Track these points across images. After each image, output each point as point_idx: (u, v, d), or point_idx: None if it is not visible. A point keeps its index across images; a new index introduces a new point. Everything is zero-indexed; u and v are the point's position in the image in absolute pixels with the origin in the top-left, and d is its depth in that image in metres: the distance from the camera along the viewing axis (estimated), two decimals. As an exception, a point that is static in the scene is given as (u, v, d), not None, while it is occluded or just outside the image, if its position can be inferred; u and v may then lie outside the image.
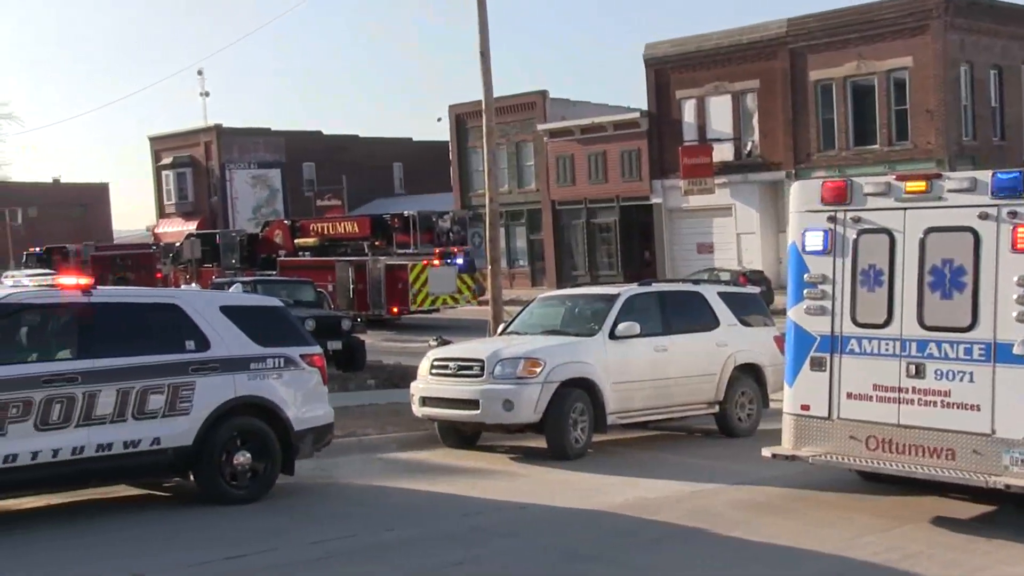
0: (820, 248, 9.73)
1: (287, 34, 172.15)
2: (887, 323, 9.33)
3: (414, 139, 70.45)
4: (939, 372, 8.99)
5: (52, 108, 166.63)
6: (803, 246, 9.88)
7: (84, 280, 9.88)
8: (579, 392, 12.61)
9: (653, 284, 15.27)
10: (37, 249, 51.53)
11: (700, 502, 10.13)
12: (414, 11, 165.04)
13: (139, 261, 46.31)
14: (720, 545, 8.60)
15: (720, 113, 42.99)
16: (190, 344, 9.88)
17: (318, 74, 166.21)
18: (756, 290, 16.97)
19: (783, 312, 10.61)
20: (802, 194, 10.06)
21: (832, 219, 9.67)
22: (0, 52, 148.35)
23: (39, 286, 10.25)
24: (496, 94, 20.02)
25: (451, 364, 12.90)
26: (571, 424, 12.50)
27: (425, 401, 13.02)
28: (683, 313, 14.26)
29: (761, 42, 41.27)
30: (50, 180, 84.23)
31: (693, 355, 13.93)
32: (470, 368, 12.64)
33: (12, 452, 8.66)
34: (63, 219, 76.66)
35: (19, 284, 12.15)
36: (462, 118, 53.35)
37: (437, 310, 33.70)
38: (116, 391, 9.25)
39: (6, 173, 54.60)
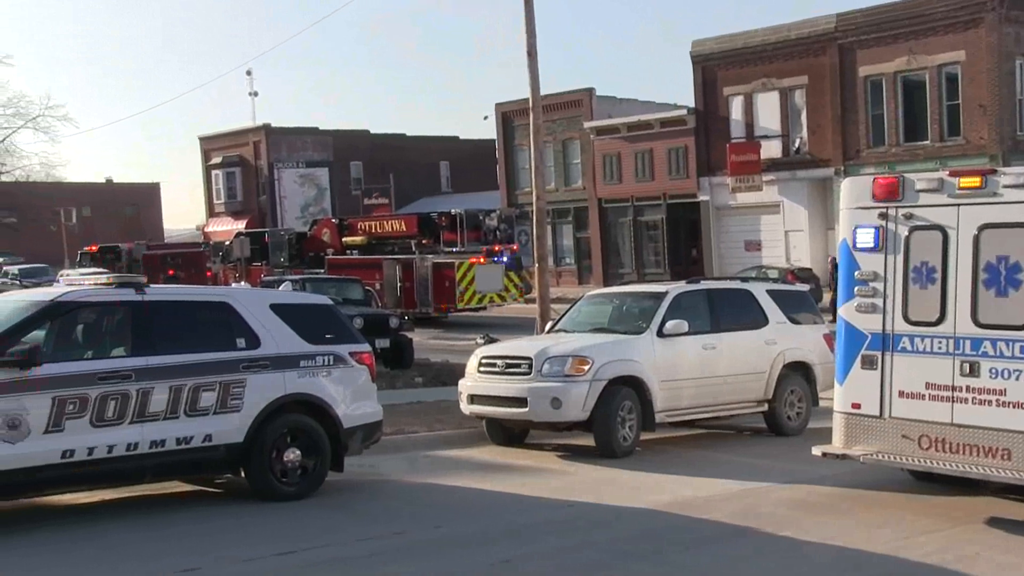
0: (871, 245, 9.62)
1: (335, 34, 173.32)
2: (940, 321, 9.20)
3: (461, 138, 70.65)
4: (994, 371, 8.85)
5: (105, 109, 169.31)
6: (854, 243, 9.77)
7: (138, 278, 10.02)
8: (627, 390, 12.58)
9: (701, 282, 15.19)
10: (91, 248, 52.36)
11: (749, 501, 10.06)
12: (461, 10, 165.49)
13: (189, 260, 46.84)
14: (770, 544, 8.53)
15: (768, 110, 42.62)
16: (241, 342, 9.98)
17: (365, 73, 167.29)
18: (805, 288, 16.80)
19: (832, 310, 10.50)
20: (853, 190, 9.95)
21: (883, 216, 9.56)
22: (56, 55, 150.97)
23: (94, 285, 10.37)
24: (543, 92, 20.01)
25: (499, 362, 12.92)
26: (619, 422, 12.48)
27: (473, 399, 13.06)
28: (732, 311, 14.18)
29: (809, 38, 40.83)
30: (103, 180, 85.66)
31: (742, 353, 13.84)
32: (518, 366, 12.65)
33: (69, 447, 8.81)
34: (116, 218, 77.96)
35: (75, 283, 12.34)
36: (508, 116, 53.40)
37: (484, 308, 33.78)
38: (169, 388, 9.38)
39: (61, 174, 55.49)
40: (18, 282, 48.01)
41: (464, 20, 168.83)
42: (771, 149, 42.26)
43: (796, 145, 42.10)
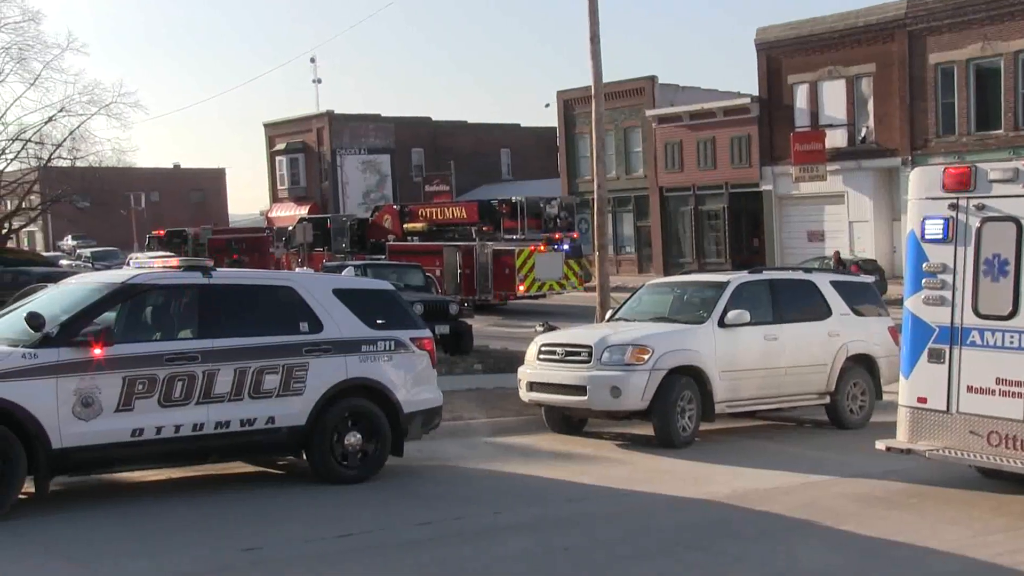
0: (940, 236, 9.44)
1: (398, 21, 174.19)
2: (1013, 315, 9.00)
3: (522, 125, 70.60)
4: (1068, 367, 8.64)
5: (174, 97, 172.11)
6: (922, 234, 9.60)
7: (205, 262, 10.18)
8: (687, 380, 12.51)
9: (764, 272, 15.04)
10: (158, 232, 53.29)
11: (810, 494, 9.96)
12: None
13: (253, 244, 47.44)
14: (831, 538, 8.44)
15: (833, 98, 41.95)
16: (304, 326, 10.09)
17: (428, 61, 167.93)
18: (870, 279, 16.54)
19: (897, 302, 10.33)
20: (922, 180, 9.76)
21: (954, 206, 9.37)
22: (128, 44, 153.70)
23: (163, 268, 10.56)
24: (605, 80, 19.89)
25: (559, 350, 12.92)
26: (678, 412, 12.41)
27: (532, 386, 13.08)
28: (794, 302, 14.03)
29: (878, 25, 40.07)
30: (171, 166, 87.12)
31: (804, 344, 13.69)
32: (578, 354, 12.64)
33: (139, 426, 9.00)
34: (183, 203, 79.32)
35: (145, 266, 12.60)
36: (570, 104, 53.25)
37: (543, 296, 33.75)
38: (234, 371, 9.52)
39: (131, 159, 56.37)
40: (90, 264, 49.09)
41: (527, 6, 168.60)
42: (836, 138, 41.62)
43: (862, 134, 41.40)
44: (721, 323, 12.96)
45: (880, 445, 9.89)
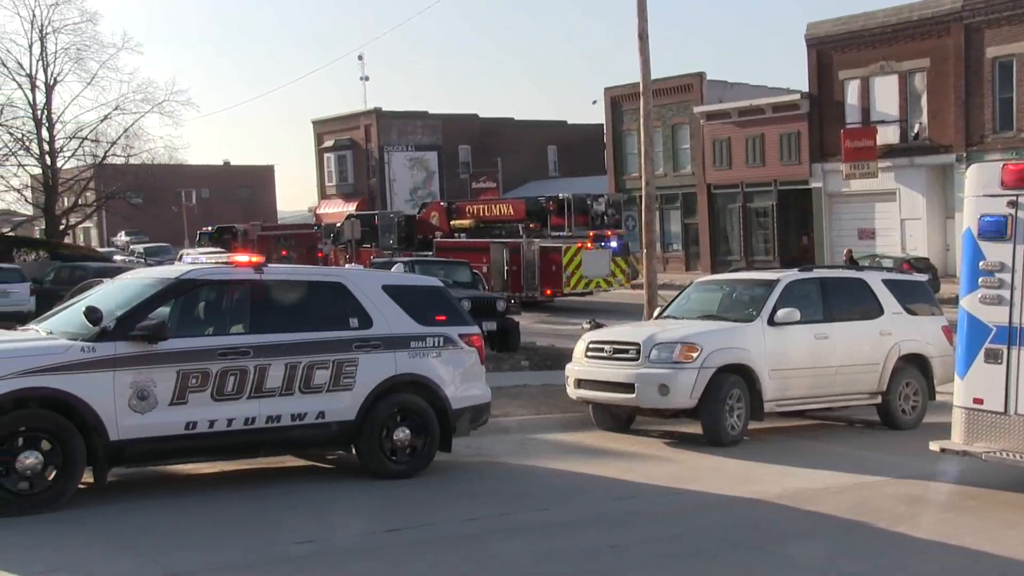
0: (998, 234, 9.28)
1: (445, 18, 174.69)
2: (1072, 315, 8.83)
3: (569, 122, 70.53)
4: None
5: (224, 95, 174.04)
6: (979, 232, 9.45)
7: (256, 258, 10.29)
8: (736, 378, 12.43)
9: (814, 270, 14.89)
10: (209, 228, 53.95)
11: (862, 494, 9.85)
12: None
13: (302, 241, 47.91)
14: (884, 539, 8.34)
15: (886, 94, 41.41)
16: (354, 322, 10.17)
17: (475, 58, 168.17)
18: (923, 277, 16.32)
19: (950, 301, 10.19)
20: (980, 177, 9.61)
21: (1013, 204, 9.22)
22: (180, 43, 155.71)
23: (215, 263, 10.69)
24: (653, 76, 19.80)
25: (607, 347, 12.90)
26: (727, 410, 12.35)
27: (580, 383, 13.07)
28: (845, 300, 13.89)
29: (933, 18, 39.46)
30: (221, 163, 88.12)
31: (855, 343, 13.55)
32: (626, 351, 12.61)
33: (192, 420, 9.13)
34: (233, 200, 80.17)
35: (197, 261, 12.81)
36: (617, 101, 53.08)
37: (590, 293, 33.69)
38: (285, 365, 9.61)
39: (183, 156, 57.18)
40: (143, 260, 49.85)
41: (575, 4, 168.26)
42: (888, 135, 41.07)
43: (915, 130, 40.82)
44: (771, 321, 12.87)
45: (934, 446, 9.76)
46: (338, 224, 44.88)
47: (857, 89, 42.22)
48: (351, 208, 57.92)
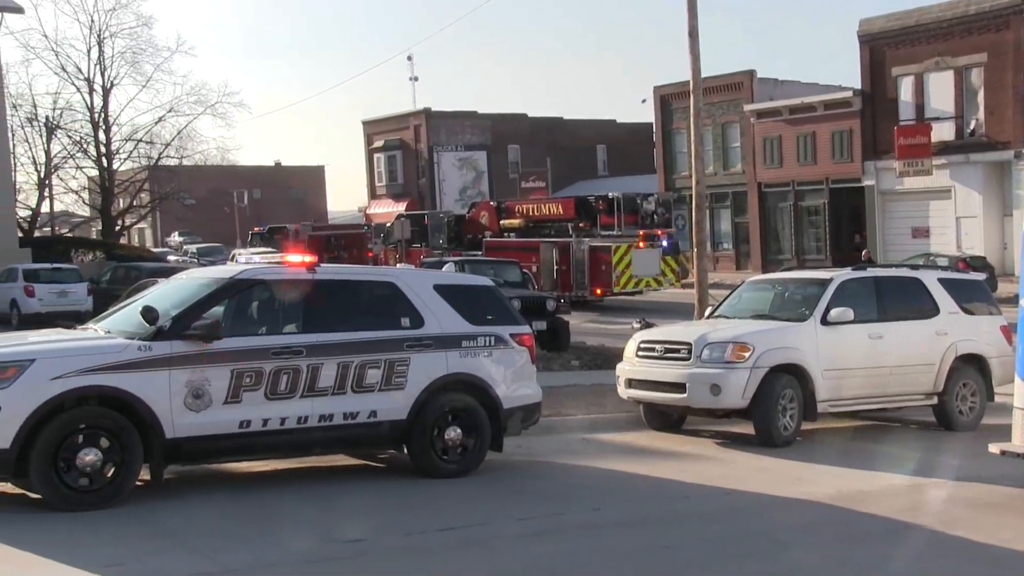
0: (1059, 232, 9.10)
1: (494, 18, 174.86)
2: None
3: (618, 121, 70.30)
4: None
5: (275, 96, 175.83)
6: (1039, 230, 9.27)
7: (309, 258, 10.38)
8: (788, 378, 12.32)
9: (868, 269, 14.70)
10: (260, 228, 54.54)
11: (918, 497, 9.72)
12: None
13: (352, 241, 48.21)
14: (941, 543, 8.21)
15: (940, 90, 40.77)
16: (405, 321, 10.21)
17: (524, 57, 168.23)
18: (980, 276, 16.04)
19: (1008, 300, 9.99)
20: (1039, 175, 9.42)
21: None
22: (231, 44, 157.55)
23: (268, 263, 10.78)
24: (703, 74, 19.69)
25: (658, 346, 12.84)
26: (780, 411, 12.24)
27: (631, 383, 13.03)
28: (900, 300, 13.72)
29: (991, 12, 38.75)
30: (272, 164, 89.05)
31: (910, 343, 13.36)
32: (677, 351, 12.55)
33: (246, 418, 9.22)
34: (283, 200, 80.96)
35: (250, 261, 12.98)
36: (667, 99, 52.83)
37: (640, 292, 33.57)
38: (337, 365, 9.68)
39: (235, 157, 57.99)
40: (196, 260, 50.54)
41: (623, 1, 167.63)
42: (943, 131, 40.44)
43: (971, 127, 40.15)
44: (824, 321, 12.74)
45: (994, 448, 9.58)
46: (388, 224, 45.15)
47: (911, 85, 41.61)
48: (400, 208, 58.20)
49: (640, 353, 13.06)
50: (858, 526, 8.75)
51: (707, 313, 15.37)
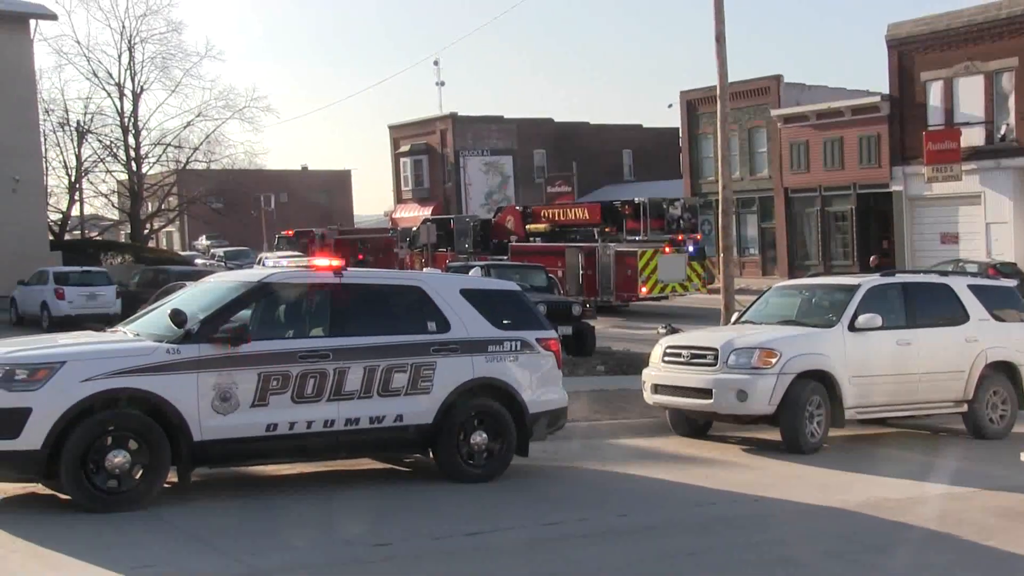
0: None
1: (519, 24, 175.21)
2: None
3: (644, 125, 70.14)
4: None
5: (302, 100, 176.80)
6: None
7: (336, 262, 10.41)
8: (816, 384, 12.25)
9: (897, 275, 14.61)
10: (287, 232, 54.78)
11: (949, 505, 9.62)
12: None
13: (378, 244, 48.31)
14: (973, 553, 8.13)
15: (970, 95, 40.38)
16: (432, 325, 10.22)
17: (549, 62, 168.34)
18: (1012, 283, 15.89)
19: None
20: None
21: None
22: (259, 49, 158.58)
23: (295, 267, 10.82)
24: (729, 79, 19.62)
25: (684, 352, 12.79)
26: (807, 417, 12.17)
27: (657, 388, 12.98)
28: (929, 306, 13.62)
29: (1023, 16, 38.37)
30: (299, 168, 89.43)
31: (939, 350, 13.25)
32: (703, 357, 12.50)
33: (273, 421, 9.25)
34: (310, 204, 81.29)
35: (277, 265, 13.03)
36: (693, 104, 52.67)
37: (666, 297, 33.47)
38: (364, 368, 9.70)
39: (262, 161, 58.43)
40: (223, 263, 50.85)
41: (649, 6, 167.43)
42: (972, 136, 40.07)
43: (1002, 132, 39.77)
44: (851, 327, 12.66)
45: (1025, 457, 9.49)
46: (414, 228, 45.23)
47: (940, 90, 41.27)
48: (426, 212, 58.30)
49: (666, 359, 13.01)
50: (888, 535, 8.67)
51: (733, 319, 15.31)
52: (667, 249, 32.50)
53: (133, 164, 47.98)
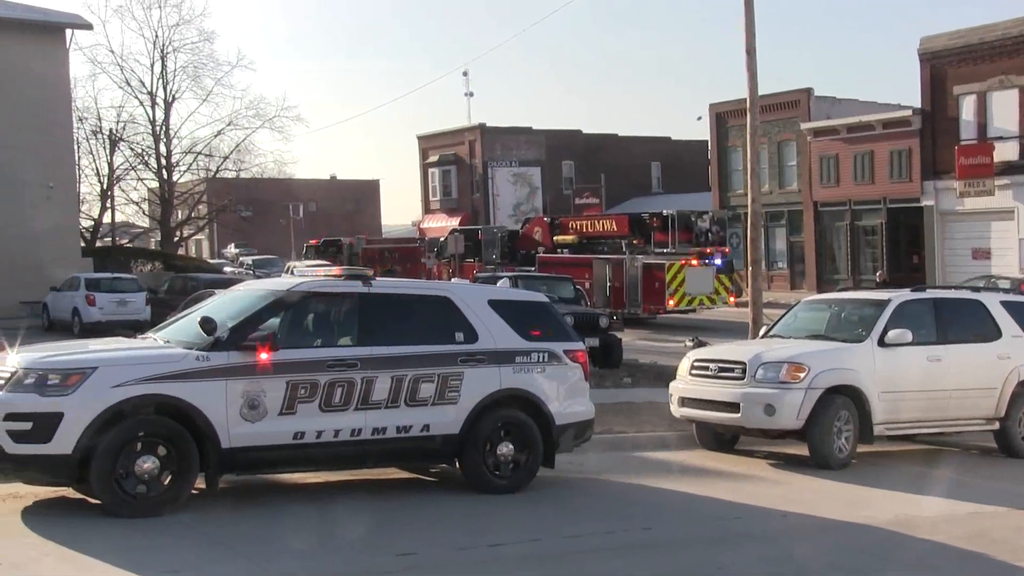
0: None
1: (548, 35, 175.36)
2: None
3: (673, 138, 70.05)
4: None
5: (331, 110, 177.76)
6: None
7: (365, 271, 10.44)
8: (844, 400, 12.16)
9: (927, 290, 14.48)
10: (314, 241, 55.06)
11: (979, 524, 9.51)
12: (674, 9, 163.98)
13: (405, 254, 48.45)
14: (1004, 574, 8.03)
15: (1004, 109, 40.02)
16: (459, 336, 10.23)
17: (579, 74, 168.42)
18: (1045, 300, 15.69)
19: None
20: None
21: None
22: (289, 59, 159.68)
23: (325, 276, 10.87)
24: (759, 92, 19.57)
25: (712, 365, 12.74)
26: (835, 433, 12.08)
27: (684, 401, 12.94)
28: (960, 322, 13.50)
29: (1057, 30, 38.00)
30: (328, 177, 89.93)
31: (971, 367, 13.13)
32: (731, 370, 12.44)
33: (300, 429, 9.28)
34: (338, 213, 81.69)
35: (306, 274, 13.04)
36: (723, 116, 52.53)
37: (693, 310, 33.34)
38: (391, 378, 9.72)
39: (291, 171, 58.83)
40: (251, 272, 51.17)
41: (678, 19, 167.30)
42: (1006, 151, 39.70)
43: (1035, 147, 39.37)
44: (881, 342, 12.57)
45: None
46: (442, 238, 45.31)
47: (973, 104, 40.95)
48: (454, 223, 58.42)
49: (693, 372, 12.97)
50: (918, 553, 8.60)
51: (761, 332, 15.23)
52: (695, 262, 32.40)
53: (164, 172, 48.42)
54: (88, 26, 37.91)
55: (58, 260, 31.92)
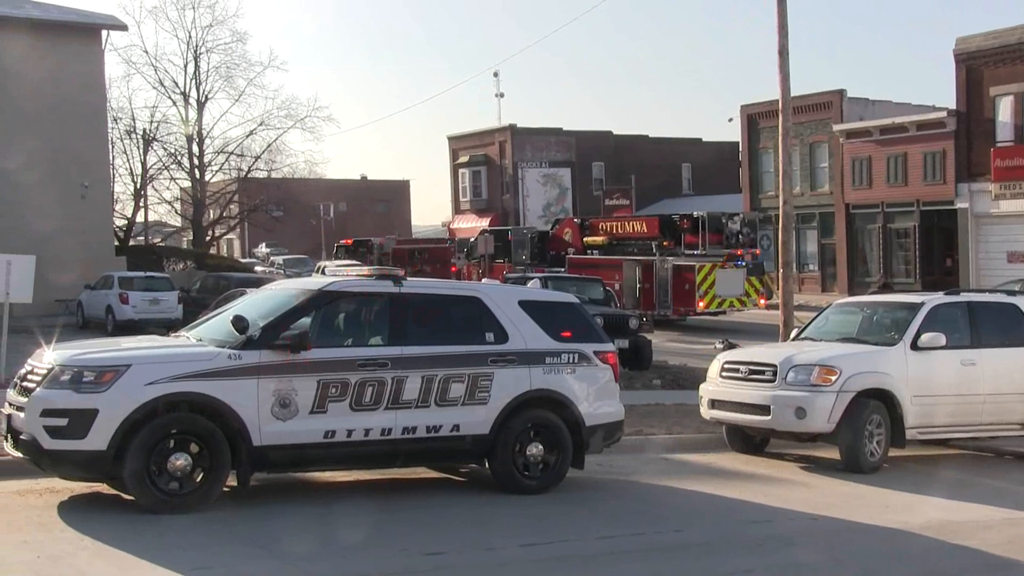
0: None
1: (578, 36, 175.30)
2: None
3: (703, 139, 69.77)
4: None
5: (362, 110, 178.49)
6: None
7: (397, 271, 10.47)
8: (876, 403, 12.08)
9: (962, 294, 14.35)
10: (345, 241, 55.28)
11: (1016, 531, 9.41)
12: (706, 10, 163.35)
13: (435, 255, 48.50)
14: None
15: (1041, 111, 39.57)
16: (490, 336, 10.24)
17: (609, 75, 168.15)
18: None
19: None
20: None
21: None
22: (321, 59, 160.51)
23: (357, 276, 10.92)
24: (791, 93, 19.45)
25: (742, 368, 12.69)
26: (867, 436, 12.00)
27: (714, 404, 12.89)
28: (995, 326, 13.36)
29: (1099, 28, 37.48)
30: (358, 177, 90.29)
31: (1006, 371, 13.00)
32: (762, 373, 12.38)
33: (331, 428, 9.33)
34: (369, 213, 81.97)
35: (337, 273, 13.12)
36: (754, 118, 52.24)
37: (723, 312, 33.20)
38: (421, 378, 9.74)
39: (322, 171, 59.14)
40: (282, 271, 51.46)
41: (709, 20, 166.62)
42: (1043, 153, 39.25)
43: (1072, 149, 38.90)
44: (914, 346, 12.47)
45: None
46: (472, 239, 45.38)
47: (1010, 105, 40.49)
48: (484, 223, 58.45)
49: (724, 374, 12.92)
50: (952, 559, 8.52)
51: (792, 335, 15.15)
52: (725, 264, 32.26)
53: (196, 172, 48.80)
54: (123, 27, 38.30)
55: (92, 258, 32.27)
